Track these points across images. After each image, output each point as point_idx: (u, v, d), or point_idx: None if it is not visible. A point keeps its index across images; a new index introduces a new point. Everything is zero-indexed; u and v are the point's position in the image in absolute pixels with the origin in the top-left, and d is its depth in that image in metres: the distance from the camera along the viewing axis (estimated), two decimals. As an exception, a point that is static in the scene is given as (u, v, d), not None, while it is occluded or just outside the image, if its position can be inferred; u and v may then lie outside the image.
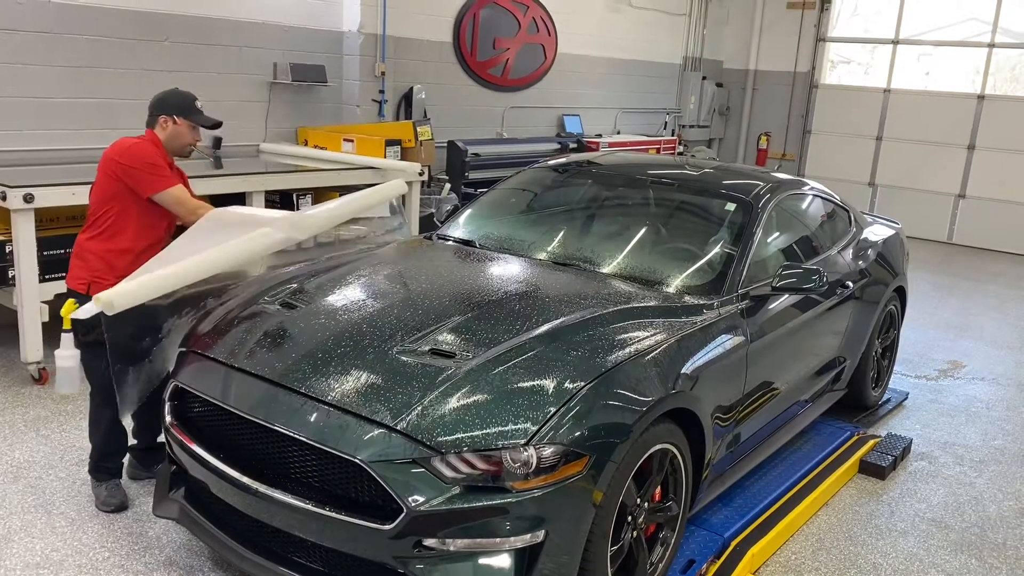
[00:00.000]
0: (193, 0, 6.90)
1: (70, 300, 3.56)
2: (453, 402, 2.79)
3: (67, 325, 3.54)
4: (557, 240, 4.33)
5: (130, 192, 3.59)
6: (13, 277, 4.92)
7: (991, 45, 11.67)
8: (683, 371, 3.23)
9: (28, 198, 4.72)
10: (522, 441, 2.68)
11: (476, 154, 9.04)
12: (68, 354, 3.59)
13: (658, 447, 3.08)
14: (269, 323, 3.37)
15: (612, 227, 4.49)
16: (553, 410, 2.76)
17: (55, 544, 3.50)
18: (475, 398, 2.82)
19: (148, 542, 3.55)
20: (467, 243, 4.37)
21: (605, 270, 3.98)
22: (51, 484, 3.95)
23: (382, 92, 8.31)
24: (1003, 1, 11.46)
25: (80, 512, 3.73)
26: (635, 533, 3.09)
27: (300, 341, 3.20)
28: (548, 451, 2.69)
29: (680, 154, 12.19)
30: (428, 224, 7.18)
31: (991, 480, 4.67)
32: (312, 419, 2.83)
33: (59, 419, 4.61)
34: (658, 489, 3.21)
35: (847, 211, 5.27)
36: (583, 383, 2.88)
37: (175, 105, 3.74)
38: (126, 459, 3.93)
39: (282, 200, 6.55)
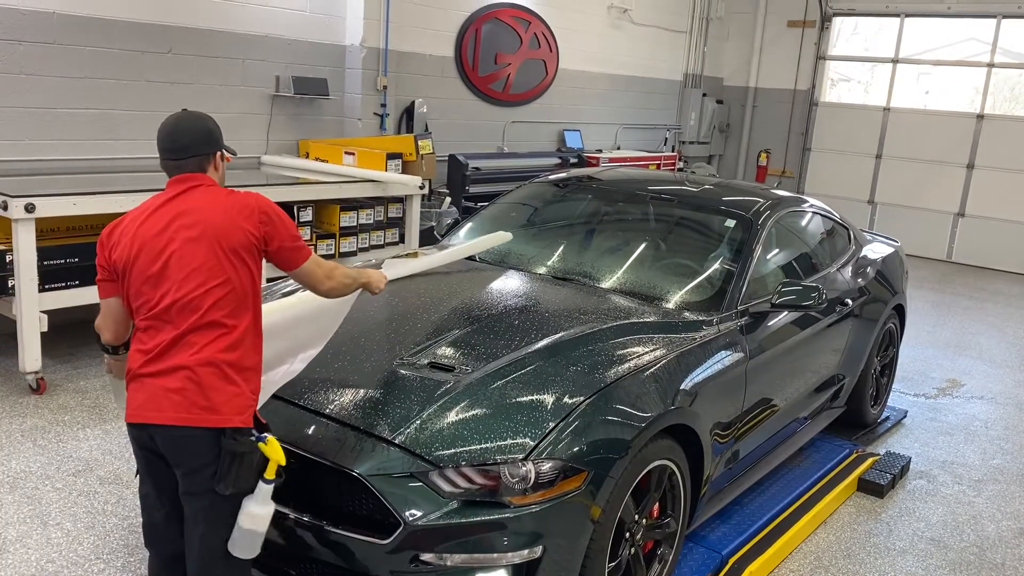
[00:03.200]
0: (196, 12, 6.93)
1: (271, 440, 2.51)
2: (452, 416, 2.79)
3: (272, 474, 2.54)
4: (557, 255, 4.34)
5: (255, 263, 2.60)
6: (13, 287, 4.92)
7: (990, 65, 11.73)
8: (682, 387, 3.23)
9: (29, 208, 4.73)
10: (520, 456, 2.68)
11: (477, 168, 9.07)
12: (264, 512, 2.56)
13: (657, 463, 3.07)
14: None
15: (612, 242, 4.50)
16: (552, 425, 2.76)
17: (50, 555, 3.48)
18: (474, 412, 2.81)
19: (144, 554, 3.50)
20: (467, 257, 4.37)
21: (605, 285, 3.98)
22: (47, 495, 3.94)
23: (384, 106, 8.34)
24: (1002, 21, 11.53)
25: (76, 523, 3.72)
26: (633, 549, 3.08)
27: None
28: (546, 466, 2.68)
29: (680, 170, 12.21)
30: (429, 237, 7.18)
31: (990, 500, 4.66)
32: (310, 432, 2.83)
33: (56, 429, 4.60)
34: (656, 505, 3.21)
35: (847, 228, 5.28)
36: (582, 398, 2.88)
37: (220, 137, 2.77)
38: None
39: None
